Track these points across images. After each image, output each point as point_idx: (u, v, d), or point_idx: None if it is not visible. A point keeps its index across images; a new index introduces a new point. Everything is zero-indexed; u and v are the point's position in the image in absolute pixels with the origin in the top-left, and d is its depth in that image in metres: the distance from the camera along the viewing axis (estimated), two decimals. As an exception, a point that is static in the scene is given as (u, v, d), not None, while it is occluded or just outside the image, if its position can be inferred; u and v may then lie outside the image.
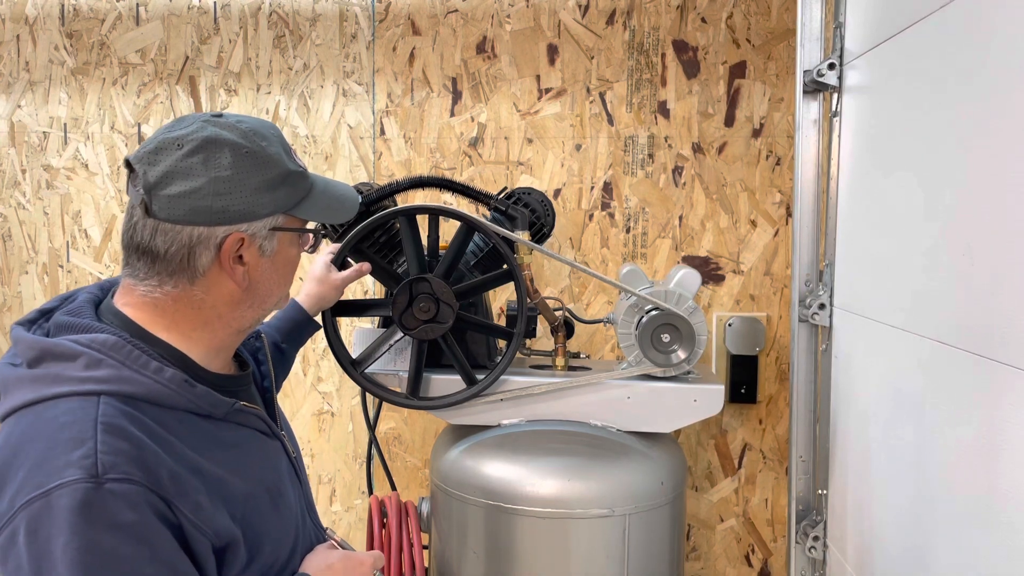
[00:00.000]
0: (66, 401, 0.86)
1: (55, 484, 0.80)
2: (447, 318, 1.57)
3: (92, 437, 0.83)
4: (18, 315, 2.33)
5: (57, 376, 0.87)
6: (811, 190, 1.61)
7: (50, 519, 0.79)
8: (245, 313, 1.00)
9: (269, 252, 0.98)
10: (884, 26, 1.34)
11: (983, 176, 1.03)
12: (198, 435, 0.93)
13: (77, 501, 0.79)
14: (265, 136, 0.98)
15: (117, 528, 0.80)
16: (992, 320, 1.00)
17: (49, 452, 0.82)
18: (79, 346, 0.88)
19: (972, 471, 1.05)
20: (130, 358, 0.90)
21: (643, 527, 1.57)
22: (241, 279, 0.97)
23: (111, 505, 0.80)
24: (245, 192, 0.94)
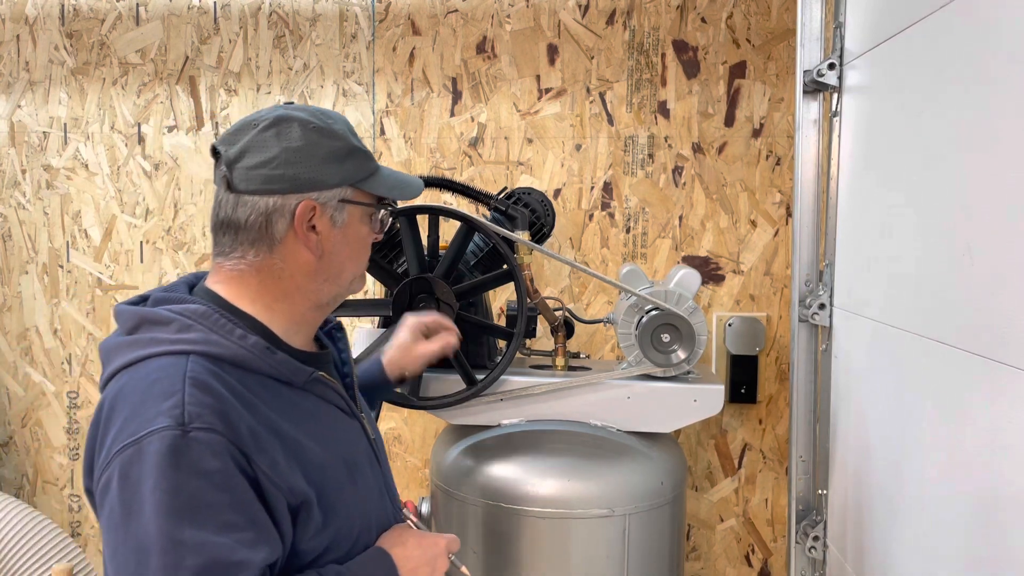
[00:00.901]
0: (158, 360, 0.94)
1: (146, 432, 0.87)
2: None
3: (180, 390, 0.90)
4: (18, 315, 2.34)
5: (152, 339, 0.95)
6: (811, 190, 1.61)
7: (140, 464, 0.86)
8: (322, 287, 1.05)
9: (340, 223, 1.04)
10: (884, 26, 1.34)
11: (983, 176, 1.03)
12: (279, 399, 0.99)
13: (165, 447, 0.86)
14: (332, 116, 1.06)
15: (201, 474, 0.86)
16: (992, 320, 1.00)
17: (142, 404, 0.90)
18: (172, 313, 0.97)
19: (972, 471, 1.05)
20: (217, 325, 0.97)
21: (643, 527, 1.57)
22: (315, 247, 1.03)
23: (196, 452, 0.87)
24: (314, 161, 1.01)
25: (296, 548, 0.96)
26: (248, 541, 0.87)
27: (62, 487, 2.37)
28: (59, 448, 2.36)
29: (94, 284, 2.31)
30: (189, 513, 0.85)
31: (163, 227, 2.28)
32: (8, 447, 2.39)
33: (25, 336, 2.34)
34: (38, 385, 2.35)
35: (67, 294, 2.32)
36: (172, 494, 0.85)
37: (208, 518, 0.86)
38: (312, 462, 0.98)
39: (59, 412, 2.35)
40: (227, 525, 0.87)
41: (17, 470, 2.39)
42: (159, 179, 2.28)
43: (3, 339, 2.35)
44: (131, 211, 2.29)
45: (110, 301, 2.31)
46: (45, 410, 2.35)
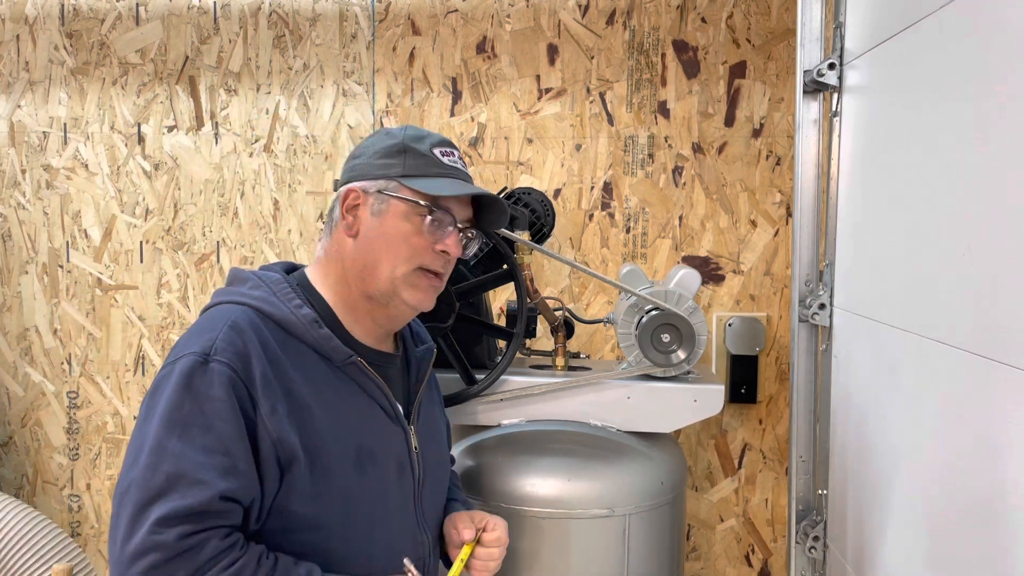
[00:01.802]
0: (225, 306, 1.10)
1: (181, 356, 1.02)
2: (447, 318, 1.57)
3: (220, 329, 1.04)
4: (18, 315, 2.34)
5: (230, 291, 1.13)
6: (811, 190, 1.61)
7: (168, 379, 1.01)
8: (363, 274, 1.14)
9: (377, 213, 1.13)
10: (884, 26, 1.34)
11: (983, 176, 1.03)
12: (311, 368, 1.09)
13: (187, 368, 1.00)
14: (415, 129, 1.19)
15: (205, 398, 0.99)
16: (992, 320, 1.00)
17: (192, 335, 1.06)
18: (252, 275, 1.14)
19: (972, 471, 1.05)
20: (281, 291, 1.11)
21: (643, 527, 1.57)
22: (350, 230, 1.14)
23: (207, 378, 0.99)
24: (368, 155, 1.16)
25: (288, 507, 1.03)
26: (220, 468, 0.97)
27: (62, 487, 2.37)
28: (59, 448, 2.36)
29: (94, 284, 2.31)
30: (181, 427, 0.97)
31: (163, 227, 2.28)
32: (8, 447, 2.39)
33: (25, 336, 2.34)
34: (38, 385, 2.35)
35: (67, 294, 2.32)
36: (175, 408, 0.98)
37: (195, 436, 0.97)
38: (314, 427, 1.06)
39: (59, 412, 2.35)
40: (208, 447, 0.97)
41: (17, 470, 2.39)
42: (159, 179, 2.28)
43: (3, 339, 2.35)
44: (131, 211, 2.29)
45: (110, 301, 2.31)
46: (45, 410, 2.35)
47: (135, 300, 2.30)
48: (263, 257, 2.26)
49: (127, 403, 2.33)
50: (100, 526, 2.37)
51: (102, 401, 2.34)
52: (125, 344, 2.31)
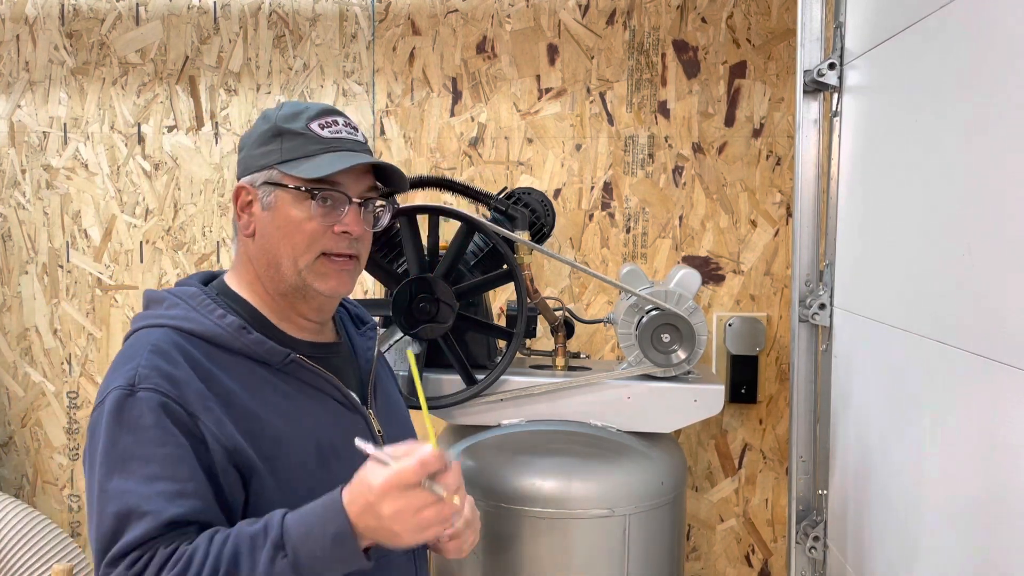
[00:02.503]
0: (144, 331, 1.05)
1: (107, 392, 0.98)
2: (447, 318, 1.57)
3: (141, 355, 0.99)
4: (18, 315, 2.34)
5: (146, 315, 1.08)
6: (811, 190, 1.61)
7: (99, 421, 0.98)
8: (270, 272, 1.10)
9: (268, 206, 1.08)
10: (884, 26, 1.34)
11: (983, 176, 1.03)
12: (248, 377, 1.05)
13: (114, 404, 0.96)
14: (291, 104, 1.11)
15: (137, 428, 0.95)
16: (992, 320, 1.00)
17: (114, 369, 1.01)
18: (167, 294, 1.09)
19: (972, 471, 1.05)
20: (200, 304, 1.06)
21: (643, 527, 1.57)
22: (245, 225, 1.09)
23: (136, 409, 0.96)
24: (248, 147, 1.10)
25: (260, 514, 0.98)
26: (168, 494, 0.93)
27: (62, 487, 2.37)
28: (59, 448, 2.36)
29: (94, 284, 2.31)
30: (120, 464, 0.94)
31: (163, 227, 2.28)
32: (8, 447, 2.39)
33: (25, 336, 2.34)
34: (38, 385, 2.35)
35: (67, 294, 2.32)
36: (111, 447, 0.95)
37: (135, 469, 0.94)
38: (265, 434, 1.02)
39: (59, 412, 2.35)
40: (151, 476, 0.93)
41: (17, 470, 2.39)
42: (159, 179, 2.28)
43: (3, 339, 2.35)
44: (131, 211, 2.29)
45: (110, 301, 2.31)
46: (45, 410, 2.35)
47: (135, 300, 2.30)
48: (263, 257, 2.26)
49: (127, 403, 2.33)
50: (100, 526, 2.37)
51: (102, 401, 2.33)
52: (125, 344, 2.31)
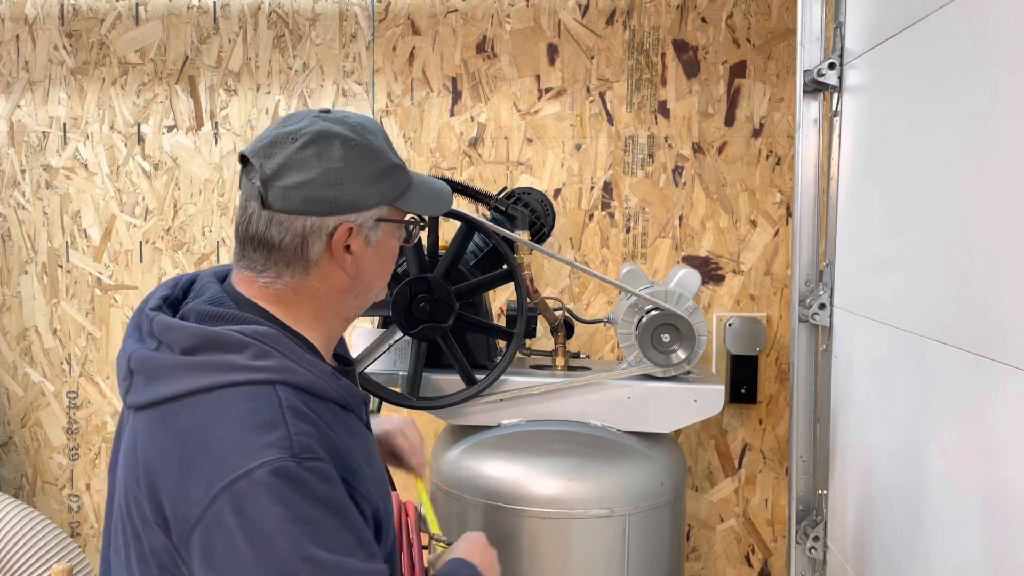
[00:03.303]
0: (244, 389, 0.89)
1: (257, 464, 0.84)
2: (447, 318, 1.57)
3: (283, 421, 0.87)
4: (18, 315, 2.33)
5: (229, 364, 0.90)
6: (811, 190, 1.61)
7: (257, 496, 0.83)
8: (351, 303, 1.04)
9: (374, 242, 1.02)
10: (884, 26, 1.34)
11: (983, 176, 1.03)
12: (340, 424, 0.98)
13: (283, 476, 0.84)
14: (371, 131, 1.02)
15: (318, 500, 0.86)
16: (992, 320, 1.00)
17: (244, 436, 0.86)
18: (245, 336, 0.92)
19: (971, 471, 1.05)
20: (290, 350, 0.94)
21: (643, 527, 1.57)
22: (350, 268, 1.01)
23: (311, 481, 0.86)
24: (355, 183, 0.98)
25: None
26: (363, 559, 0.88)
27: (62, 487, 2.37)
28: (59, 448, 2.36)
29: (94, 284, 2.31)
30: (320, 537, 0.85)
31: (163, 227, 2.28)
32: (8, 447, 2.39)
33: (25, 336, 2.34)
34: (38, 385, 2.35)
35: (67, 294, 2.32)
36: (295, 522, 0.84)
37: (332, 540, 0.85)
38: (371, 480, 0.98)
39: (59, 412, 2.35)
40: (346, 547, 0.87)
41: (17, 470, 2.39)
42: (159, 179, 2.28)
43: (3, 339, 2.35)
44: (131, 211, 2.29)
45: (109, 301, 2.31)
46: (45, 410, 2.35)
47: (135, 300, 2.30)
48: (263, 257, 2.25)
49: (127, 403, 2.33)
50: (99, 526, 2.37)
51: (102, 401, 2.33)
52: (125, 344, 2.31)
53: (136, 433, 0.92)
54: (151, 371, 0.93)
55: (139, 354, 0.94)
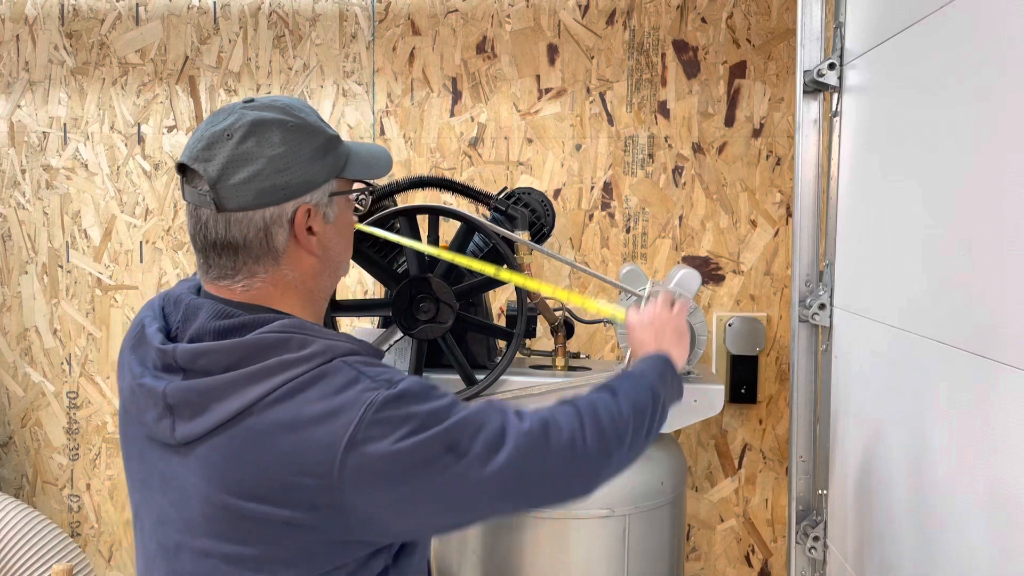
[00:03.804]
0: (306, 377, 0.92)
1: (361, 412, 0.90)
2: (447, 318, 1.57)
3: (359, 374, 0.93)
4: (18, 315, 2.33)
5: (282, 364, 0.92)
6: (811, 190, 1.61)
7: (380, 431, 0.90)
8: (325, 283, 1.05)
9: (332, 218, 1.02)
10: (884, 26, 1.34)
11: (983, 176, 1.03)
12: None
13: (389, 405, 0.90)
14: (302, 109, 1.02)
15: (428, 396, 0.94)
16: (991, 320, 1.00)
17: (334, 403, 0.90)
18: (279, 333, 0.93)
19: (971, 471, 1.05)
20: (317, 330, 0.97)
21: (643, 527, 1.57)
22: (316, 248, 1.01)
23: (410, 392, 0.93)
24: (301, 163, 0.98)
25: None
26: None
27: (62, 487, 2.37)
28: (59, 448, 2.36)
29: (94, 284, 2.31)
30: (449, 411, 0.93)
31: (163, 227, 2.28)
32: (8, 447, 2.39)
33: (25, 336, 2.34)
34: (38, 385, 2.35)
35: (67, 294, 2.32)
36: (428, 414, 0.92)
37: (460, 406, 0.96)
38: None
39: (59, 412, 2.35)
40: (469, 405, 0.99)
41: (17, 470, 2.39)
42: (159, 179, 2.28)
43: (3, 339, 2.35)
44: (131, 211, 2.29)
45: (109, 301, 2.31)
46: (45, 410, 2.35)
47: (135, 300, 2.30)
48: (263, 257, 2.26)
49: (127, 403, 2.33)
50: (100, 526, 2.37)
51: (102, 401, 2.34)
52: (125, 344, 2.31)
53: (202, 464, 0.92)
54: (199, 399, 0.92)
55: (175, 387, 0.93)
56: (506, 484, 0.94)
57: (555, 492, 1.00)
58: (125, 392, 1.01)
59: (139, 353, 0.99)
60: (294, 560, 0.92)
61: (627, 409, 1.09)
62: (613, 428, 1.06)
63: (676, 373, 1.23)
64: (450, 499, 0.92)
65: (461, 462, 0.91)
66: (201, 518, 0.93)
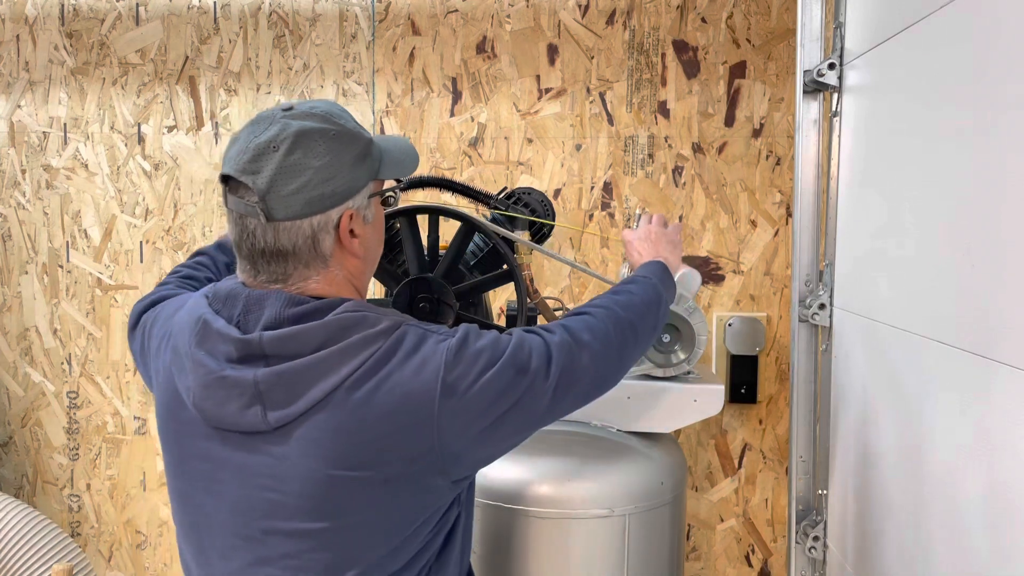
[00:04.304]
0: (388, 347, 1.00)
1: (443, 361, 1.00)
2: (447, 318, 1.57)
3: (428, 333, 1.03)
4: (18, 315, 2.33)
5: (365, 340, 0.99)
6: (811, 190, 1.61)
7: (463, 368, 1.01)
8: (366, 277, 1.12)
9: (371, 219, 1.08)
10: (884, 26, 1.34)
11: (983, 176, 1.03)
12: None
13: (460, 344, 1.02)
14: (340, 115, 1.06)
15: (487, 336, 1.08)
16: (991, 320, 1.00)
17: (416, 363, 1.00)
18: (356, 312, 1.01)
19: (971, 471, 1.05)
20: (380, 308, 1.05)
21: (643, 527, 1.57)
22: (359, 250, 1.07)
23: (472, 334, 1.05)
24: (344, 171, 1.02)
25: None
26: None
27: (62, 487, 2.37)
28: (59, 448, 2.36)
29: (94, 284, 2.31)
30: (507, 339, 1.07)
31: (163, 227, 2.28)
32: (8, 447, 2.39)
33: (25, 336, 2.34)
34: (38, 385, 2.35)
35: (67, 294, 2.32)
36: (493, 347, 1.04)
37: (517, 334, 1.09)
38: None
39: (59, 412, 2.35)
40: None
41: (17, 470, 2.39)
42: (159, 179, 2.28)
43: (3, 339, 2.35)
44: (131, 211, 2.29)
45: (110, 301, 2.31)
46: (45, 410, 2.35)
47: (135, 300, 2.30)
48: (263, 257, 2.26)
49: (127, 403, 2.33)
50: (100, 526, 2.37)
51: (102, 401, 2.34)
52: (125, 344, 2.31)
53: (303, 443, 0.97)
54: (293, 381, 0.98)
55: (266, 373, 0.97)
56: (561, 386, 1.07)
57: (596, 382, 1.14)
58: (195, 390, 1.02)
59: (206, 347, 1.01)
60: (383, 524, 1.00)
61: (639, 304, 1.24)
62: (628, 322, 1.20)
63: (671, 276, 1.38)
64: (525, 414, 1.04)
65: (528, 379, 1.03)
66: (298, 498, 0.98)
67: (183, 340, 1.04)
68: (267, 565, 1.01)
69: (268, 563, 1.00)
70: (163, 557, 2.36)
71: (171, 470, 1.09)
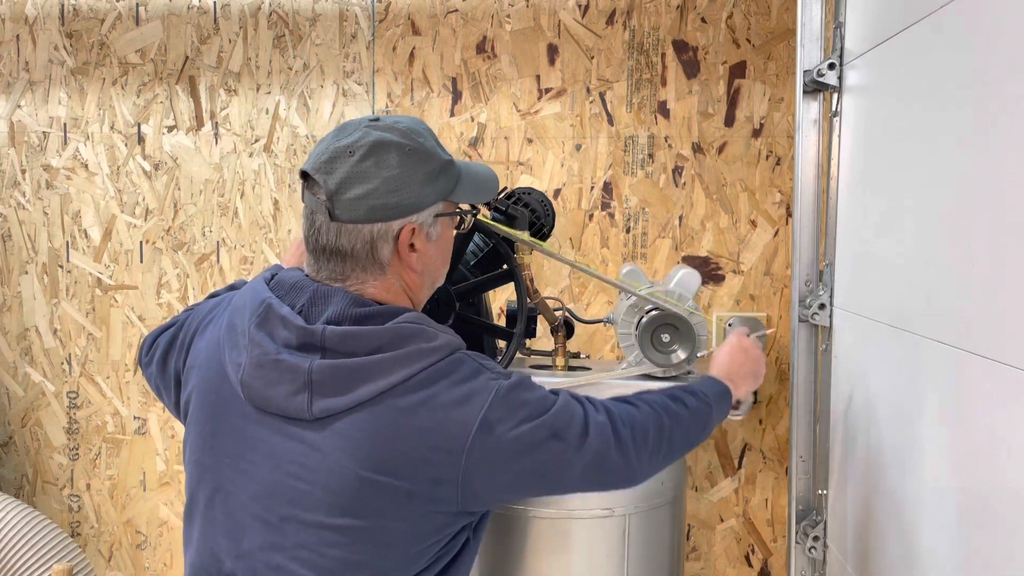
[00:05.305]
0: (441, 364, 1.05)
1: (489, 399, 1.04)
2: (447, 318, 1.57)
3: (480, 367, 1.08)
4: (18, 315, 2.34)
5: (420, 352, 1.04)
6: (811, 190, 1.61)
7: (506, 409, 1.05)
8: (424, 293, 1.16)
9: (435, 237, 1.12)
10: (884, 26, 1.34)
11: (983, 176, 1.03)
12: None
13: (509, 390, 1.06)
14: (421, 133, 1.10)
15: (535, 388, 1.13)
16: (992, 320, 1.00)
17: (466, 390, 1.04)
18: (415, 324, 1.05)
19: (972, 471, 1.05)
20: (437, 325, 1.09)
21: (643, 527, 1.57)
22: (416, 264, 1.11)
23: (520, 383, 1.09)
24: (413, 186, 1.07)
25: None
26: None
27: (62, 487, 2.37)
28: (59, 448, 2.36)
29: (94, 284, 2.31)
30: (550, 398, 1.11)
31: (163, 227, 2.28)
32: (8, 447, 2.39)
33: (25, 336, 2.34)
34: (38, 385, 2.35)
35: (67, 294, 2.32)
36: (538, 400, 1.08)
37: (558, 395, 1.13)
38: None
39: (59, 412, 2.35)
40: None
41: (17, 470, 2.39)
42: (159, 179, 2.28)
43: (3, 339, 2.35)
44: (131, 211, 2.29)
45: (110, 301, 2.31)
46: (45, 410, 2.35)
47: (135, 300, 2.30)
48: (263, 257, 2.26)
49: (127, 403, 2.33)
50: (100, 526, 2.37)
51: (102, 401, 2.34)
52: (125, 344, 2.31)
53: (340, 438, 1.01)
54: (346, 377, 1.01)
55: (322, 365, 1.01)
56: (587, 465, 1.08)
57: (617, 478, 1.14)
58: (246, 367, 1.05)
59: (267, 329, 1.05)
60: (401, 533, 1.02)
61: (686, 420, 1.24)
62: (670, 432, 1.20)
63: (730, 401, 1.37)
64: (547, 476, 1.07)
65: (560, 446, 1.06)
66: (324, 491, 1.00)
67: (241, 318, 1.08)
68: (277, 552, 1.02)
69: (278, 550, 1.02)
70: (163, 557, 2.36)
71: (198, 443, 1.11)
